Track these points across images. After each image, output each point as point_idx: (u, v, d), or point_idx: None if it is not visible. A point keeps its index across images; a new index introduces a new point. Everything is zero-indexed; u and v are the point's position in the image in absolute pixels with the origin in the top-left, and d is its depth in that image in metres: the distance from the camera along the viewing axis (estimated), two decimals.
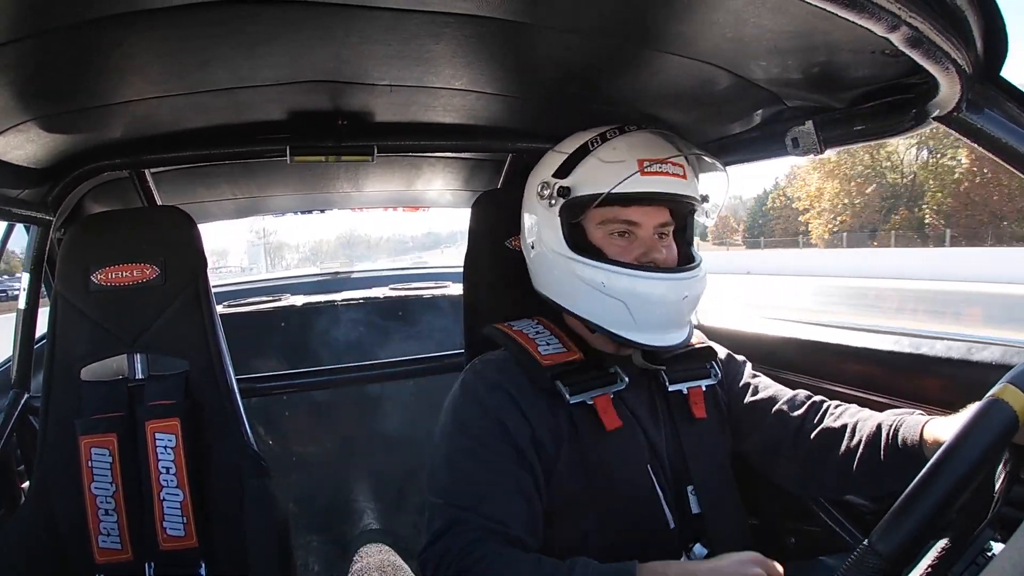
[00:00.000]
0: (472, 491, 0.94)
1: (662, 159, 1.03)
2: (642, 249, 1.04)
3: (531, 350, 1.06)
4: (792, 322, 1.61)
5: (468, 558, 0.87)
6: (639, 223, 1.04)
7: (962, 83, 0.78)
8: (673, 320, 1.06)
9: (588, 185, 1.05)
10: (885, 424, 0.98)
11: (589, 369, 1.05)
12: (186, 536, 1.18)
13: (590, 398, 1.02)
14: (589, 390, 1.03)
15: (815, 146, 1.09)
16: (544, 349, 1.07)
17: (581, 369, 1.05)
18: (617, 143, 1.07)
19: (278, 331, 2.77)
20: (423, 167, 1.84)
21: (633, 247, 1.05)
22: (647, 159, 1.03)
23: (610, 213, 1.05)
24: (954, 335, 1.22)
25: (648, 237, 1.05)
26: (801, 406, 1.12)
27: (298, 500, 2.59)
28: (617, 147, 1.06)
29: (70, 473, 1.18)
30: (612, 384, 1.05)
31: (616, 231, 1.05)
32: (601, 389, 1.04)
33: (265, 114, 1.27)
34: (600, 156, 1.06)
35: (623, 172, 1.01)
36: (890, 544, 0.52)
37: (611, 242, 1.05)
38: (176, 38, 0.85)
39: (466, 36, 0.90)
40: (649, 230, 1.05)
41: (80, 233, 1.27)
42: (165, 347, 1.26)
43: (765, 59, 0.94)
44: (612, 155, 1.05)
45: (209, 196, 1.91)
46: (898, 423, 0.97)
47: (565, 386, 1.01)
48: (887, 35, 0.66)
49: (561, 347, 1.08)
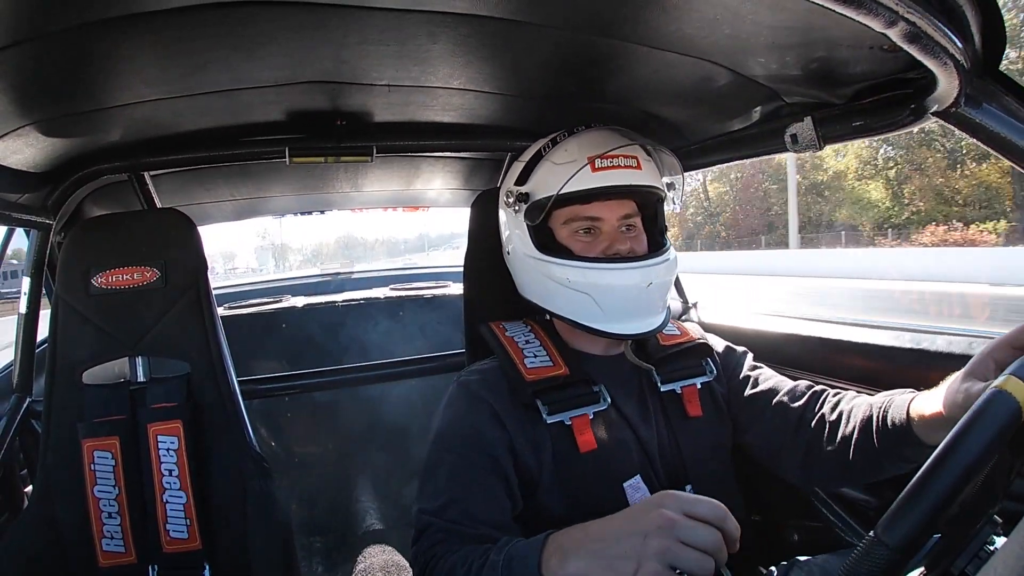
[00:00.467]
0: (441, 497, 0.94)
1: (612, 154, 1.05)
2: (606, 242, 1.06)
3: (517, 362, 1.07)
4: (792, 318, 1.61)
5: (431, 560, 0.88)
6: (602, 218, 1.07)
7: (960, 78, 0.78)
8: (642, 308, 1.06)
9: (543, 188, 1.08)
10: (875, 407, 0.99)
11: (572, 386, 1.05)
12: (189, 538, 1.18)
13: (568, 418, 1.02)
14: (568, 409, 1.03)
15: (814, 142, 1.09)
16: (531, 362, 1.07)
17: (564, 386, 1.04)
18: (567, 144, 1.10)
19: (279, 332, 2.77)
20: (422, 167, 1.84)
21: (598, 242, 1.07)
22: (596, 154, 1.04)
23: (572, 212, 1.07)
24: (955, 330, 1.22)
25: (612, 230, 1.07)
26: (801, 397, 1.12)
27: (301, 501, 2.60)
28: (568, 148, 1.09)
29: (73, 476, 1.18)
30: (594, 403, 1.05)
31: (580, 228, 1.07)
32: (580, 409, 1.04)
33: (264, 115, 1.27)
34: (552, 159, 1.10)
35: (572, 171, 1.04)
36: (896, 535, 0.52)
37: (576, 239, 1.08)
38: (174, 40, 0.85)
39: (463, 35, 0.90)
40: (613, 223, 1.07)
41: (80, 236, 1.27)
42: (166, 350, 1.26)
43: (763, 55, 0.94)
44: (563, 156, 1.08)
45: (209, 198, 1.92)
46: (887, 404, 0.97)
47: (544, 404, 1.02)
48: (885, 30, 0.66)
49: (548, 360, 1.08)
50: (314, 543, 2.50)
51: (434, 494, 0.95)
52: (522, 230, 1.12)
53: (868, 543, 0.53)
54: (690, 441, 1.10)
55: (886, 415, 0.96)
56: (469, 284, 1.38)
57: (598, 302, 1.03)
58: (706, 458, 1.11)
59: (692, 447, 1.10)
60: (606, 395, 1.06)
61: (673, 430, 1.10)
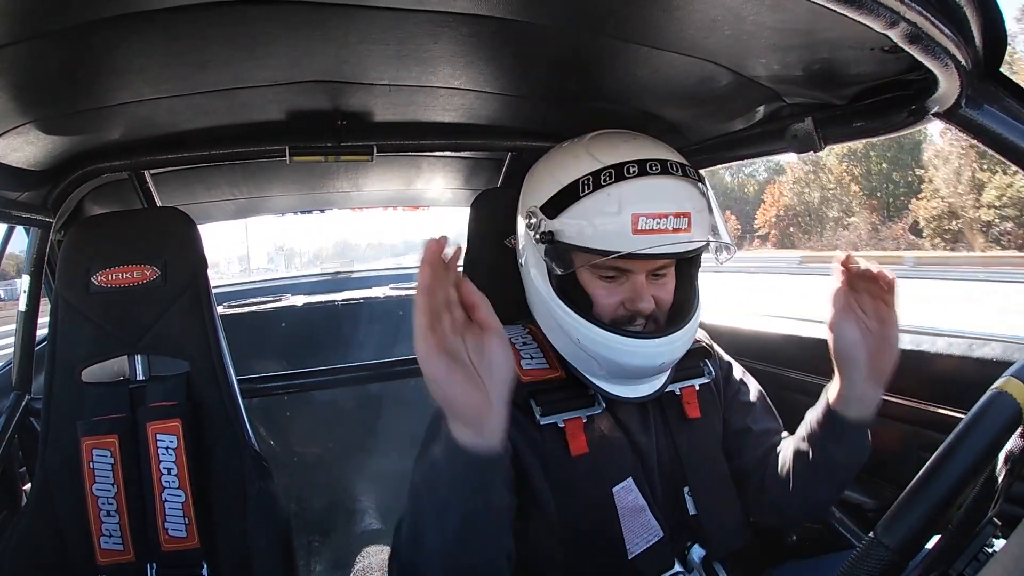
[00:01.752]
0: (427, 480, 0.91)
1: (662, 214, 0.92)
2: (628, 294, 0.97)
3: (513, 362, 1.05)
4: (792, 319, 1.61)
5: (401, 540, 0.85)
6: (632, 270, 0.97)
7: (961, 79, 0.78)
8: (649, 377, 1.04)
9: (574, 236, 0.96)
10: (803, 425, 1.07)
11: (567, 388, 1.03)
12: (188, 537, 1.18)
13: (561, 420, 1.01)
14: (562, 411, 1.01)
15: (815, 143, 1.09)
16: (527, 363, 1.05)
17: (559, 388, 1.03)
18: (612, 190, 0.93)
19: (279, 331, 2.77)
20: (423, 166, 1.84)
21: (620, 291, 0.98)
22: (645, 215, 0.91)
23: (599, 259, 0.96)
24: (955, 332, 1.22)
25: (638, 282, 0.97)
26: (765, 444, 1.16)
27: (300, 500, 2.60)
28: (611, 194, 0.93)
29: (72, 474, 1.18)
30: (588, 407, 1.03)
31: (605, 275, 0.98)
32: (574, 412, 1.02)
33: (264, 114, 1.27)
34: (592, 205, 0.94)
35: (615, 227, 0.92)
36: (896, 535, 0.52)
37: (597, 284, 0.99)
38: (175, 39, 0.85)
39: (464, 35, 0.90)
40: (641, 276, 0.97)
41: (80, 235, 1.27)
42: (166, 348, 1.26)
43: (764, 56, 0.94)
44: (604, 204, 0.93)
45: (209, 197, 1.92)
46: (809, 416, 1.06)
47: (538, 405, 1.00)
48: (886, 31, 0.66)
49: (544, 362, 1.06)
50: (313, 542, 2.50)
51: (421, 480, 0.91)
52: (539, 260, 1.02)
53: (868, 544, 0.53)
54: (688, 443, 1.10)
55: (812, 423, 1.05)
56: None
57: (603, 367, 0.99)
58: (705, 460, 1.11)
59: (691, 449, 1.09)
60: (600, 400, 1.04)
61: (671, 432, 1.09)
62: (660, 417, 1.10)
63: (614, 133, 1.04)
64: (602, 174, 0.94)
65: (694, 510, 1.06)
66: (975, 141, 0.86)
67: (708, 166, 1.46)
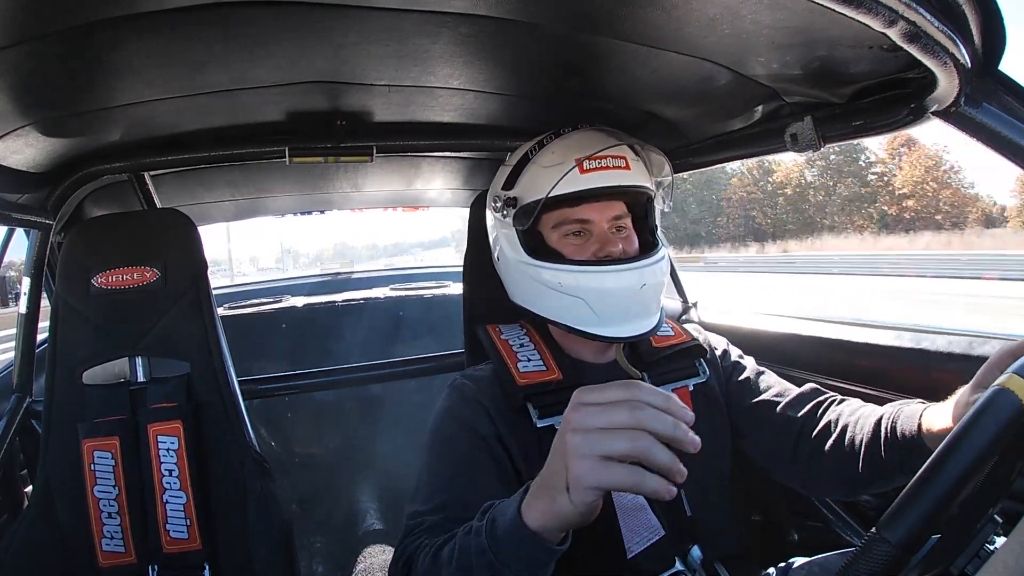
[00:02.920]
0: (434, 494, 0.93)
1: (600, 155, 1.04)
2: (597, 244, 1.05)
3: (510, 365, 1.06)
4: (792, 318, 1.61)
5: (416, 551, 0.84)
6: (591, 220, 1.06)
7: (960, 77, 0.78)
8: (635, 310, 1.05)
9: (532, 192, 1.07)
10: (884, 420, 0.97)
11: (564, 390, 1.03)
12: (189, 538, 1.18)
13: (558, 422, 1.01)
14: (559, 414, 1.00)
15: (814, 142, 1.08)
16: (524, 366, 1.06)
17: (556, 390, 1.03)
18: (554, 146, 1.09)
19: (279, 332, 2.77)
20: (422, 167, 1.84)
21: (589, 244, 1.06)
22: (583, 156, 1.03)
23: (561, 215, 1.06)
24: (956, 330, 1.22)
25: (602, 232, 1.06)
26: (803, 405, 1.10)
27: (301, 501, 2.59)
28: (554, 150, 1.08)
29: (73, 476, 1.18)
30: None
31: (571, 231, 1.07)
32: None
33: (263, 115, 1.27)
34: (539, 162, 1.08)
35: (560, 173, 1.03)
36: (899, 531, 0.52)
37: (567, 243, 1.07)
38: (174, 40, 0.85)
39: (463, 35, 0.90)
40: (603, 225, 1.06)
41: (80, 237, 1.27)
42: (166, 350, 1.26)
43: (763, 55, 0.94)
44: (550, 159, 1.07)
45: (209, 198, 1.92)
46: (895, 415, 0.96)
47: (535, 408, 1.01)
48: (885, 30, 0.66)
49: (541, 364, 1.07)
50: (314, 543, 2.50)
51: (427, 495, 0.93)
52: (511, 235, 1.11)
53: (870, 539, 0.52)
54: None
55: (895, 426, 0.95)
56: (469, 284, 1.38)
57: (591, 305, 1.01)
58: (699, 462, 1.09)
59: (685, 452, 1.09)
60: None
61: None
62: None
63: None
64: (544, 138, 1.11)
65: (691, 511, 1.06)
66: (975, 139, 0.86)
67: (707, 165, 1.47)
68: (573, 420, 0.63)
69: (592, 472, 0.59)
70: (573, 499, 0.61)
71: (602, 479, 0.59)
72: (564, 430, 0.64)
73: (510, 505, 0.70)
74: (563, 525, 0.65)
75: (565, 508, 0.62)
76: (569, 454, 0.61)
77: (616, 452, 0.59)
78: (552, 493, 0.63)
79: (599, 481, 0.59)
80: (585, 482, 0.60)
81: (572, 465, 0.60)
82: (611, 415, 0.61)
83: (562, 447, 0.63)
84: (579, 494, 0.60)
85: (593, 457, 0.59)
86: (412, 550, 0.84)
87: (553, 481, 0.63)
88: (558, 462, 0.63)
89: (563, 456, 0.62)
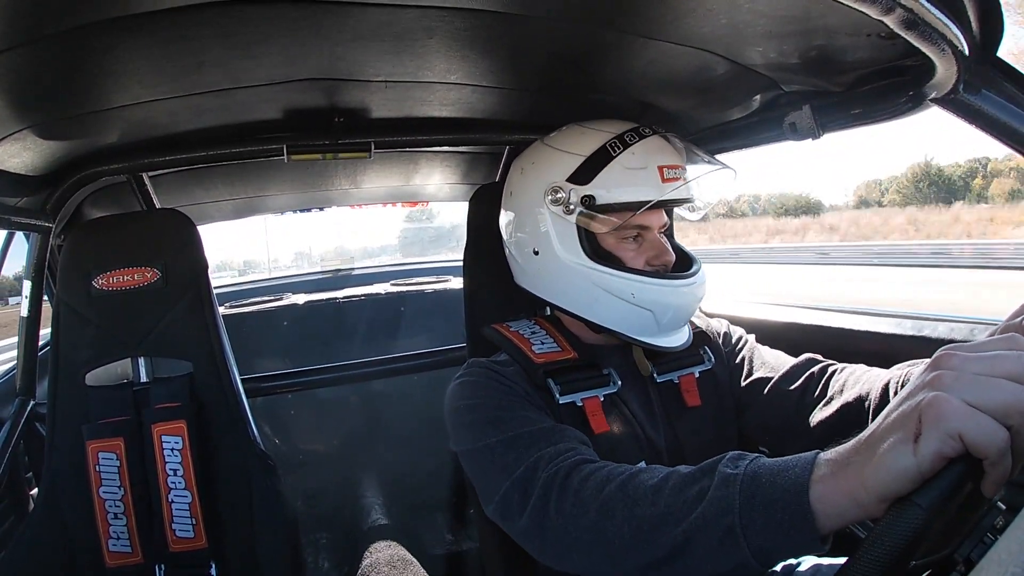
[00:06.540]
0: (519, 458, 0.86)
1: (674, 164, 1.03)
2: (653, 252, 1.05)
3: (525, 349, 1.06)
4: (792, 306, 1.61)
5: (572, 478, 0.77)
6: (650, 226, 1.05)
7: (958, 64, 0.78)
8: (685, 321, 1.10)
9: (615, 193, 1.02)
10: (892, 383, 0.91)
11: (582, 369, 1.05)
12: (195, 537, 1.19)
13: (580, 399, 1.02)
14: (580, 391, 1.02)
15: (813, 131, 1.08)
16: (538, 348, 1.07)
17: (574, 368, 1.04)
18: (636, 149, 1.03)
19: (281, 330, 2.77)
20: (421, 162, 1.83)
21: (643, 250, 1.05)
22: (665, 165, 1.02)
23: (624, 218, 1.03)
24: (956, 317, 1.22)
25: (656, 239, 1.06)
26: (799, 377, 1.08)
27: (306, 498, 2.60)
28: (636, 152, 1.03)
29: (78, 478, 1.18)
30: (604, 386, 1.04)
31: (630, 236, 1.05)
32: (592, 391, 1.03)
33: (261, 114, 1.27)
34: (623, 163, 1.02)
35: (647, 179, 1.01)
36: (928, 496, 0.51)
37: (624, 247, 1.05)
38: (170, 41, 0.85)
39: (459, 29, 0.89)
40: (655, 232, 1.06)
41: (80, 239, 1.27)
42: (169, 350, 1.26)
43: (760, 44, 0.93)
44: (634, 161, 1.02)
45: (208, 197, 1.91)
46: (904, 379, 0.89)
47: (556, 384, 1.01)
48: (882, 17, 0.66)
49: (556, 346, 1.08)
50: (320, 539, 2.51)
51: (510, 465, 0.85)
52: (569, 232, 1.05)
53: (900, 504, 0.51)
54: (690, 432, 1.10)
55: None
56: (470, 279, 1.38)
57: (657, 317, 1.02)
58: (708, 448, 1.09)
59: (692, 438, 1.09)
60: (616, 378, 1.05)
61: (671, 421, 1.10)
62: (661, 406, 1.11)
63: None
64: (625, 135, 1.04)
65: None
66: (973, 126, 0.86)
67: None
68: (944, 361, 0.54)
69: (957, 414, 0.49)
70: (921, 449, 0.49)
71: (968, 425, 0.48)
72: (925, 374, 0.54)
73: (787, 469, 0.59)
74: (866, 503, 0.53)
75: (898, 465, 0.50)
76: (935, 391, 0.51)
77: (992, 402, 0.49)
78: (881, 452, 0.52)
79: (964, 427, 0.48)
80: (949, 424, 0.49)
81: (936, 403, 0.50)
82: (995, 363, 0.51)
83: (916, 390, 0.53)
84: (933, 442, 0.49)
85: (961, 401, 0.49)
86: (569, 467, 0.78)
87: (890, 433, 0.52)
88: (907, 408, 0.52)
89: (915, 404, 0.52)
